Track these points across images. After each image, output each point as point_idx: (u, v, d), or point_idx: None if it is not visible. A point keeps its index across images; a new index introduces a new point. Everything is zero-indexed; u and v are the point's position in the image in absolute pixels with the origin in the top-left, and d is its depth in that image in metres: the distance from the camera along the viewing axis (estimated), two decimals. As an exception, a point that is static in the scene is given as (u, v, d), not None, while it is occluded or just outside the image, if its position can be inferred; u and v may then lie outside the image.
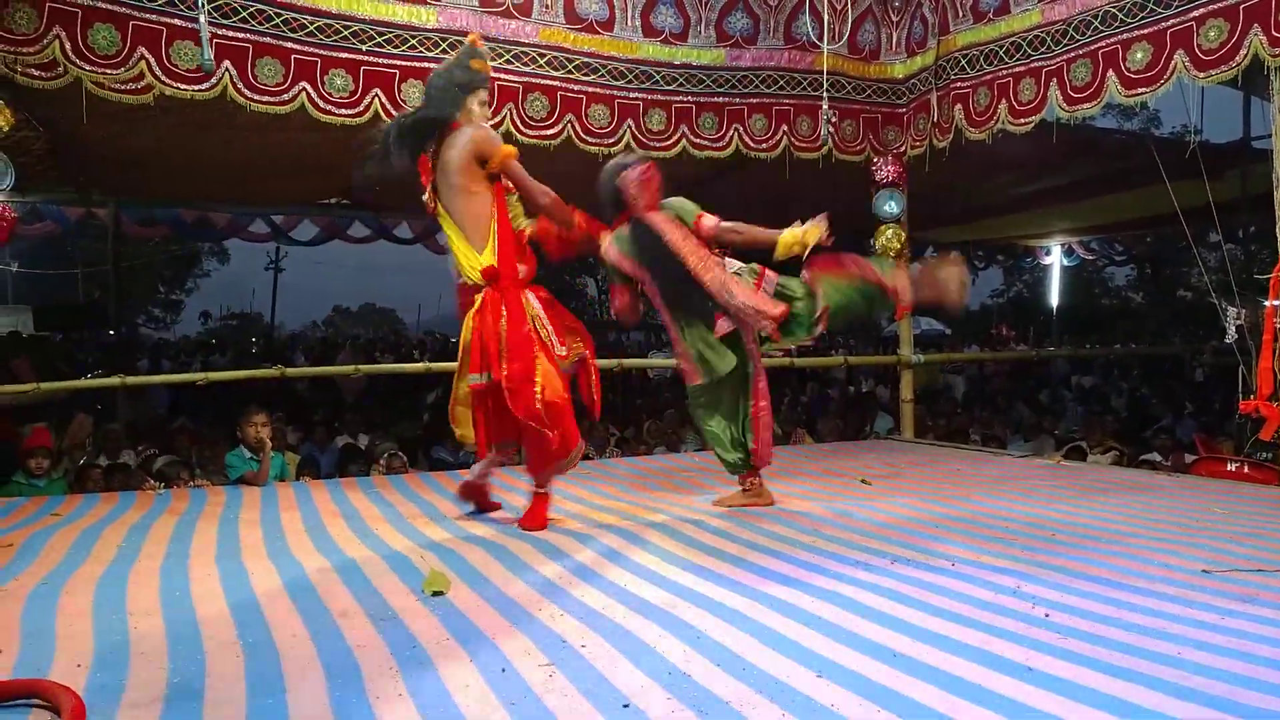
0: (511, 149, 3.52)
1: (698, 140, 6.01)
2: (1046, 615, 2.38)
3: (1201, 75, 4.64)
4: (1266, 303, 4.49)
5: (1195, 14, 4.62)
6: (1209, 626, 2.26)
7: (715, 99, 6.06)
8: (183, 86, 4.72)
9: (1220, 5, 4.51)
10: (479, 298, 3.48)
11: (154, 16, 4.61)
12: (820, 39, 5.89)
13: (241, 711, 1.83)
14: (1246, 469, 4.87)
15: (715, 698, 1.87)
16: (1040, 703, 1.81)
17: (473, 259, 3.49)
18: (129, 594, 2.69)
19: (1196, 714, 1.74)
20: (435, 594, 2.68)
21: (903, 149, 6.50)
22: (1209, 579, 2.68)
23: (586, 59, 5.70)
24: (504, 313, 3.43)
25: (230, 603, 2.59)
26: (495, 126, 5.52)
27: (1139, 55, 4.87)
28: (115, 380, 5.93)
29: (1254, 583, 2.64)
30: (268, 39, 4.88)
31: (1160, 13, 4.76)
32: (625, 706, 1.83)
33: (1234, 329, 4.73)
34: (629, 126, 5.81)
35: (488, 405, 3.56)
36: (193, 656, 2.14)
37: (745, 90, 6.12)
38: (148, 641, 2.26)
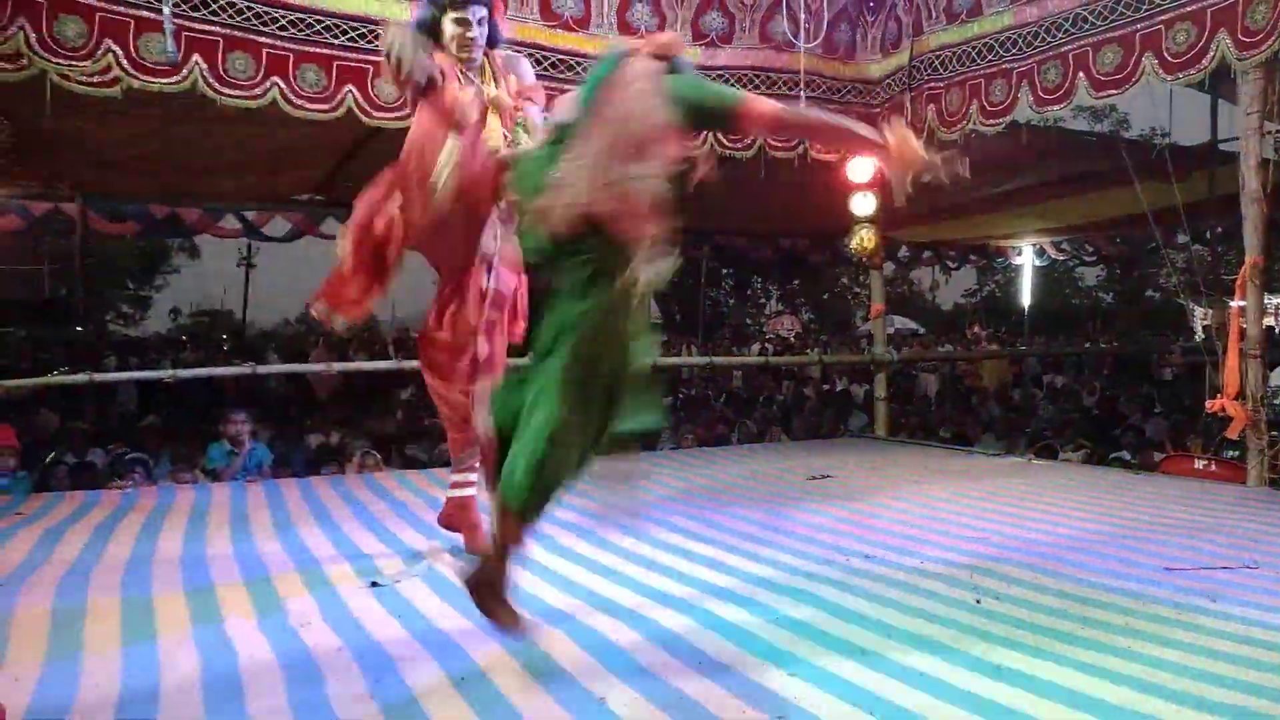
0: None
1: (673, 139, 6.00)
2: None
3: (1170, 77, 4.70)
4: (1232, 303, 4.55)
5: (1164, 17, 4.67)
6: (1170, 622, 2.28)
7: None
8: (151, 80, 4.65)
9: (1188, 9, 4.56)
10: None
11: (122, 9, 4.53)
12: (796, 39, 5.91)
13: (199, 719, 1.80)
14: (1214, 467, 4.94)
15: (680, 692, 1.86)
16: (1008, 699, 1.82)
17: None
18: (89, 597, 2.64)
19: (1162, 709, 1.76)
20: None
21: (877, 149, 6.53)
22: (1172, 575, 2.71)
23: (562, 56, 5.68)
24: None
25: (190, 607, 2.55)
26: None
27: (1109, 57, 4.93)
28: (82, 377, 5.84)
29: (1216, 579, 2.67)
30: (239, 32, 4.81)
31: (1130, 16, 4.81)
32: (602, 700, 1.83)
33: (1201, 329, 4.79)
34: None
35: None
36: (149, 663, 2.10)
37: (720, 89, 6.12)
38: (104, 647, 2.22)
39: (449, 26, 3.02)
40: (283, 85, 4.93)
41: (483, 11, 3.14)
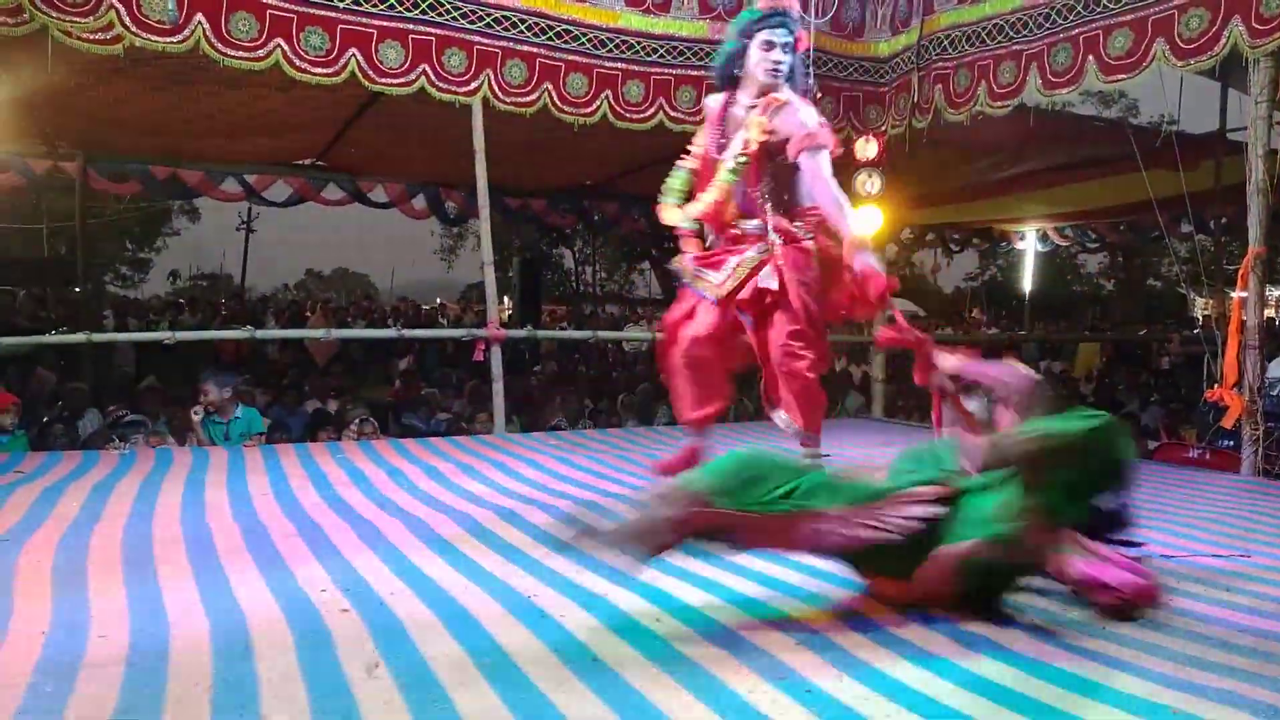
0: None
1: (674, 114, 5.96)
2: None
3: (1181, 64, 4.67)
4: (1233, 294, 4.55)
5: (1177, 2, 4.63)
6: (1163, 608, 2.30)
7: (693, 72, 6.00)
8: (153, 38, 4.61)
9: (1202, -7, 4.53)
10: None
11: (124, -35, 4.49)
12: (805, 14, 5.86)
13: (208, 677, 1.81)
14: (1208, 456, 4.96)
15: (684, 657, 1.88)
16: (999, 676, 1.84)
17: None
18: (90, 555, 2.65)
19: (1154, 691, 1.78)
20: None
21: (884, 128, 6.50)
22: (1165, 562, 2.73)
23: (567, 25, 5.63)
24: None
25: (195, 568, 2.56)
26: (473, 93, 5.45)
27: (1120, 41, 4.89)
28: (80, 337, 5.83)
29: (1210, 566, 2.69)
30: (242, -7, 4.78)
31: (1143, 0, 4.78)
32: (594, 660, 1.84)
33: (1201, 318, 4.79)
34: (606, 97, 5.76)
35: None
36: (157, 621, 2.11)
37: (726, 64, 6.07)
38: (110, 604, 2.23)
39: (754, 51, 3.18)
40: (285, 47, 4.89)
41: (789, 37, 3.21)
